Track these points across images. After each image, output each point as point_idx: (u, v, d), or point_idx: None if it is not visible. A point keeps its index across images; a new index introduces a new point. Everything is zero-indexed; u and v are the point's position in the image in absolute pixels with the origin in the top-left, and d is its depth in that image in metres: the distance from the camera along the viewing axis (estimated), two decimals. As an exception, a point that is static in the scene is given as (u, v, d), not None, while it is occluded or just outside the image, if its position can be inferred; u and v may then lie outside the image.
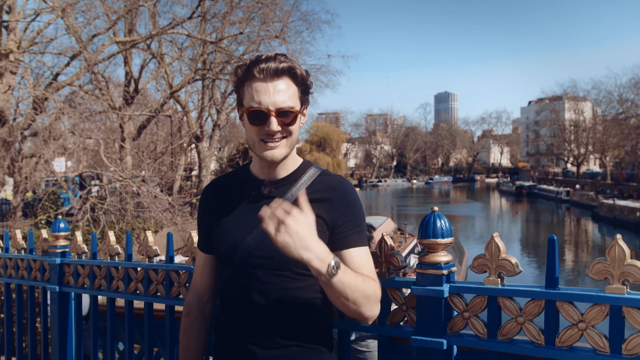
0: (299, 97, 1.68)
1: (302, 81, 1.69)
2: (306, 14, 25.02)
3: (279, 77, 1.63)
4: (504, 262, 1.64)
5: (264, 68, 1.62)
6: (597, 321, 1.51)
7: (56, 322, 3.04)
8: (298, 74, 1.67)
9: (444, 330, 1.73)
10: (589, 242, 34.12)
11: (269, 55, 1.65)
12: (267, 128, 1.63)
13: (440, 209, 1.77)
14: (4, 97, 13.56)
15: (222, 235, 1.76)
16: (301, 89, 1.69)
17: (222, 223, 1.77)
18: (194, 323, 1.91)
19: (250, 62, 1.66)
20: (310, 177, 1.76)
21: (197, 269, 1.94)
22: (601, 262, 1.51)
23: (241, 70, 1.67)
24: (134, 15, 19.75)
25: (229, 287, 1.78)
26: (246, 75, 1.65)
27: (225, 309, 1.80)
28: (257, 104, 1.62)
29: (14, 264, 3.41)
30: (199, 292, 1.93)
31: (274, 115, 1.62)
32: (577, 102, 78.06)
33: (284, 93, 1.63)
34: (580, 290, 1.55)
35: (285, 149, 1.68)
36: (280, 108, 1.62)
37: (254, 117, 1.64)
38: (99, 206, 13.85)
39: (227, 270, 1.77)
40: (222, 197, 1.82)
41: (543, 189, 67.80)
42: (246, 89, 1.66)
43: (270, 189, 1.74)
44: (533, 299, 1.61)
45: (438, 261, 1.72)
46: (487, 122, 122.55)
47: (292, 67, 1.65)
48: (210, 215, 1.83)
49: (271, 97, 1.61)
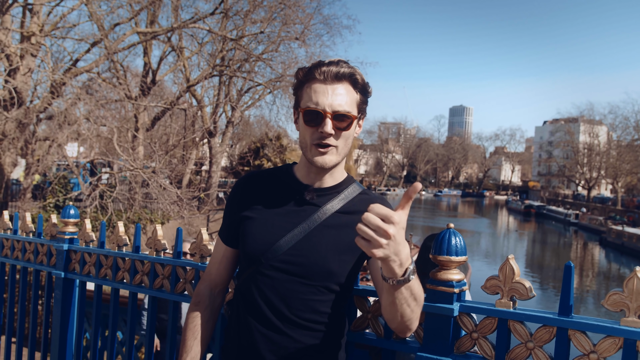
0: (357, 105, 1.66)
1: (362, 89, 1.66)
2: (328, 18, 25.11)
3: (339, 81, 1.61)
4: (517, 286, 1.61)
5: (326, 71, 1.60)
6: (609, 353, 1.48)
7: (59, 307, 3.03)
8: (359, 81, 1.64)
9: (451, 349, 1.70)
10: (594, 268, 33.81)
11: (332, 60, 1.64)
12: (321, 130, 1.59)
13: (446, 222, 1.74)
14: (23, 79, 13.66)
15: (253, 233, 1.70)
16: (360, 97, 1.67)
17: (255, 220, 1.71)
18: (204, 313, 1.85)
19: (313, 64, 1.64)
20: (352, 192, 1.73)
21: (215, 260, 1.88)
22: (618, 293, 1.47)
23: (302, 72, 1.66)
24: (157, 7, 19.84)
25: (249, 287, 1.71)
26: (307, 77, 1.64)
27: (241, 309, 1.73)
28: (314, 105, 1.60)
29: (22, 246, 3.41)
30: (212, 283, 1.88)
31: (330, 117, 1.59)
32: (593, 125, 77.56)
33: (342, 97, 1.61)
34: (594, 320, 1.52)
35: (336, 156, 1.65)
36: (337, 111, 1.59)
37: (309, 117, 1.61)
38: (108, 194, 13.90)
39: (250, 269, 1.71)
40: (259, 193, 1.76)
41: (552, 210, 67.34)
42: (305, 90, 1.64)
43: (313, 195, 1.70)
44: (544, 325, 1.58)
45: (450, 279, 1.69)
46: (500, 138, 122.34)
47: (353, 74, 1.63)
48: (242, 208, 1.75)
49: (329, 99, 1.59)
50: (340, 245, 1.65)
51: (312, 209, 1.68)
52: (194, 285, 2.37)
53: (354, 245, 1.60)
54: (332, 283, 1.64)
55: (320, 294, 1.65)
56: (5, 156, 13.84)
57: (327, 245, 1.64)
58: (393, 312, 1.48)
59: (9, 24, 13.80)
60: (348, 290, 1.75)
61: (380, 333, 1.90)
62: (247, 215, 1.73)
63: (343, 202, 1.69)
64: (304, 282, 1.64)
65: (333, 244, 1.65)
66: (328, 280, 1.63)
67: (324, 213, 1.67)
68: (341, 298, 1.73)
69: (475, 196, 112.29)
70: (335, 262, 1.64)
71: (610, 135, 74.62)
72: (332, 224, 1.66)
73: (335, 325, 1.73)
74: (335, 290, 1.66)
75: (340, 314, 1.74)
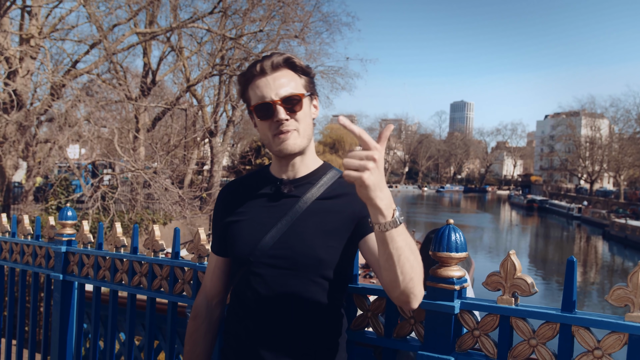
0: (303, 86, 1.67)
1: (302, 71, 1.68)
2: (327, 15, 25.03)
3: (277, 69, 1.63)
4: (519, 282, 1.58)
5: (262, 65, 1.62)
6: (614, 349, 1.45)
7: (58, 310, 3.02)
8: (297, 64, 1.66)
9: (452, 348, 1.67)
10: (598, 261, 33.78)
11: (265, 54, 1.66)
12: (276, 119, 1.60)
13: (449, 218, 1.71)
14: (23, 82, 13.66)
15: (238, 234, 1.70)
16: (304, 78, 1.68)
17: (239, 222, 1.72)
18: (201, 327, 1.86)
19: (249, 65, 1.67)
20: (331, 178, 1.72)
21: (208, 272, 1.89)
22: (622, 288, 1.44)
23: (242, 76, 1.67)
24: (156, 7, 19.82)
25: (242, 288, 1.70)
26: (247, 78, 1.66)
27: (237, 310, 1.73)
28: (261, 99, 1.61)
29: (20, 249, 3.40)
30: (208, 296, 1.89)
31: (279, 103, 1.60)
32: (595, 118, 77.42)
33: (284, 81, 1.62)
34: (598, 316, 1.49)
35: (300, 139, 1.65)
36: (284, 95, 1.61)
37: (261, 112, 1.63)
38: (110, 195, 13.90)
39: (241, 270, 1.71)
40: (240, 198, 1.77)
41: (554, 204, 67.27)
42: (249, 91, 1.66)
43: (290, 187, 1.69)
44: (547, 321, 1.54)
45: (450, 275, 1.66)
46: (502, 133, 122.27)
47: (289, 58, 1.64)
48: (226, 215, 1.78)
49: (273, 87, 1.61)
50: (326, 231, 1.63)
51: (292, 201, 1.67)
52: (193, 286, 2.35)
53: (340, 230, 1.62)
54: (324, 272, 1.62)
55: (314, 286, 1.63)
56: (7, 159, 13.84)
57: (313, 233, 1.63)
58: (392, 271, 1.41)
59: (8, 26, 13.80)
60: (342, 281, 1.72)
61: (381, 332, 1.87)
62: (231, 220, 1.75)
63: (323, 189, 1.68)
64: (296, 274, 1.62)
65: (318, 231, 1.63)
66: (319, 269, 1.61)
67: (304, 202, 1.66)
68: (336, 290, 1.69)
69: (477, 191, 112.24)
70: (323, 249, 1.61)
71: (612, 128, 74.53)
72: (314, 212, 1.65)
73: (333, 321, 1.71)
74: (328, 280, 1.63)
75: (337, 309, 1.72)
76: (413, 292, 1.46)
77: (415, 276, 1.44)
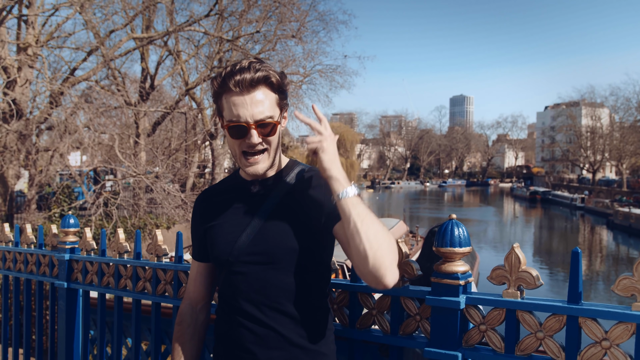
0: (277, 104, 1.69)
1: (278, 87, 1.69)
2: (323, 14, 24.94)
3: (254, 87, 1.63)
4: (524, 275, 1.57)
5: (239, 80, 1.61)
6: (621, 340, 1.44)
7: (63, 318, 3.02)
8: (274, 82, 1.66)
9: (459, 343, 1.66)
10: (603, 251, 33.71)
11: (243, 65, 1.64)
12: (248, 141, 1.64)
13: (452, 213, 1.71)
14: (21, 91, 13.67)
15: (216, 237, 1.77)
16: (278, 96, 1.69)
17: (216, 226, 1.79)
18: (186, 332, 1.91)
19: (225, 74, 1.64)
20: (298, 173, 1.79)
21: (191, 278, 1.95)
22: (628, 277, 1.43)
23: (217, 82, 1.67)
24: (152, 12, 19.81)
25: (226, 288, 1.77)
26: (222, 88, 1.65)
27: (225, 310, 1.78)
28: (236, 118, 1.62)
29: (24, 258, 3.40)
30: (192, 301, 1.94)
31: (254, 127, 1.63)
32: (595, 108, 77.15)
33: (261, 104, 1.63)
34: (605, 306, 1.48)
35: (267, 162, 1.71)
36: (260, 120, 1.63)
37: (234, 131, 1.65)
38: (112, 201, 13.90)
39: (223, 272, 1.77)
40: (214, 203, 1.85)
41: (557, 195, 67.11)
42: (224, 101, 1.66)
43: (259, 187, 1.76)
44: (554, 313, 1.54)
45: (455, 271, 1.65)
46: (502, 126, 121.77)
47: (267, 76, 1.64)
48: (203, 222, 1.86)
49: (249, 109, 1.62)
50: (296, 221, 1.69)
51: (261, 200, 1.74)
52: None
53: (311, 219, 1.68)
54: (301, 261, 1.67)
55: (294, 277, 1.68)
56: (8, 168, 13.85)
57: (285, 226, 1.69)
58: (359, 239, 1.49)
59: (5, 36, 13.81)
60: (322, 270, 1.77)
61: (387, 329, 1.86)
62: (208, 225, 1.82)
63: (289, 185, 1.75)
64: (274, 267, 1.68)
65: (290, 223, 1.69)
66: (295, 258, 1.67)
67: (274, 198, 1.73)
68: (316, 279, 1.75)
69: (479, 185, 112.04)
70: (297, 239, 1.67)
71: (612, 117, 74.28)
72: (285, 206, 1.72)
73: (317, 311, 1.74)
74: (307, 270, 1.69)
75: (321, 298, 1.76)
76: (384, 263, 1.48)
77: (384, 245, 1.49)
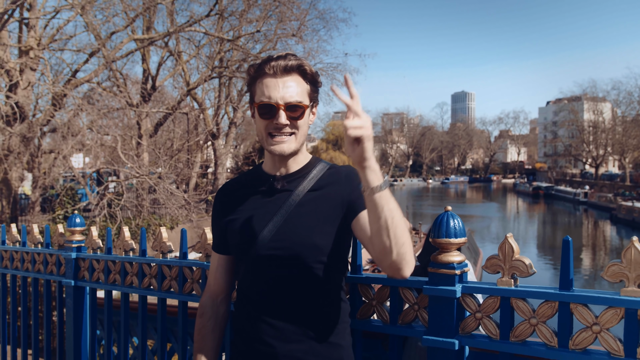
0: (308, 94, 1.74)
1: (311, 79, 1.75)
2: (323, 13, 25.04)
3: (288, 73, 1.70)
4: (518, 263, 1.63)
5: (274, 65, 1.69)
6: (611, 324, 1.49)
7: (71, 316, 3.07)
8: (307, 72, 1.73)
9: (456, 331, 1.72)
10: (606, 245, 33.68)
11: (280, 54, 1.73)
12: (276, 121, 1.68)
13: (456, 209, 1.76)
14: (24, 94, 13.74)
15: (238, 231, 1.79)
16: (310, 87, 1.75)
17: (237, 220, 1.80)
18: (207, 324, 1.93)
19: (262, 60, 1.74)
20: (320, 171, 1.80)
21: (212, 270, 1.97)
22: (617, 264, 1.48)
23: (253, 68, 1.75)
24: (152, 13, 19.87)
25: (246, 282, 1.80)
26: (258, 73, 1.73)
27: (244, 303, 1.81)
28: (267, 98, 1.68)
29: (31, 257, 3.45)
30: (212, 294, 1.96)
31: (283, 109, 1.68)
32: (597, 102, 76.98)
33: (292, 88, 1.69)
34: (595, 292, 1.53)
35: (293, 143, 1.73)
36: (289, 102, 1.68)
37: (263, 111, 1.69)
38: (116, 202, 13.98)
39: (243, 266, 1.80)
40: (236, 196, 1.86)
41: (560, 190, 67.00)
42: (257, 85, 1.73)
43: (282, 183, 1.78)
44: (546, 300, 1.59)
45: (451, 261, 1.71)
46: (504, 122, 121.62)
47: (301, 65, 1.71)
48: (224, 215, 1.86)
49: (280, 91, 1.68)
50: (319, 218, 1.71)
51: (285, 195, 1.76)
52: (202, 285, 2.40)
53: (332, 216, 1.70)
54: (322, 257, 1.70)
55: (314, 273, 1.70)
56: (12, 171, 13.93)
57: (307, 222, 1.71)
58: (386, 235, 1.48)
59: (7, 39, 13.88)
60: (341, 265, 1.80)
61: (386, 319, 1.92)
62: (230, 219, 1.83)
63: (313, 181, 1.77)
64: (295, 263, 1.70)
65: (312, 219, 1.71)
66: (317, 255, 1.69)
67: (297, 195, 1.75)
68: (336, 274, 1.77)
69: (482, 181, 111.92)
70: (319, 236, 1.69)
71: (614, 112, 74.10)
72: (307, 203, 1.74)
73: (336, 306, 1.77)
74: (327, 265, 1.71)
75: (339, 293, 1.79)
76: (405, 257, 1.51)
77: (407, 241, 1.51)
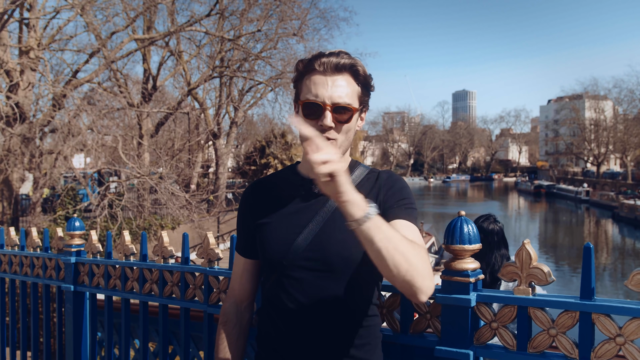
0: (359, 97, 1.59)
1: (363, 81, 1.60)
2: (324, 12, 25.07)
3: (339, 72, 1.55)
4: (536, 271, 1.55)
5: (325, 62, 1.54)
6: (636, 336, 1.42)
7: (71, 321, 3.01)
8: (360, 72, 1.58)
9: (471, 341, 1.64)
10: (609, 244, 33.62)
11: (333, 51, 1.58)
12: (321, 123, 1.53)
13: (457, 208, 1.68)
14: (24, 94, 13.70)
15: (270, 238, 1.64)
16: (362, 90, 1.60)
17: (269, 225, 1.65)
18: (232, 332, 1.80)
19: (313, 56, 1.58)
20: (359, 176, 1.68)
21: (236, 275, 1.82)
22: (642, 272, 1.41)
23: (302, 64, 1.60)
24: (153, 13, 19.83)
25: (277, 292, 1.64)
26: (306, 69, 1.58)
27: (272, 315, 1.66)
28: (314, 97, 1.53)
29: (30, 262, 3.39)
30: (237, 300, 1.82)
31: (330, 109, 1.53)
32: (598, 100, 76.90)
33: (342, 89, 1.54)
34: (618, 302, 1.45)
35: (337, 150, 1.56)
36: (337, 103, 1.53)
37: (309, 110, 1.55)
38: (117, 202, 13.93)
39: (274, 274, 1.65)
40: (268, 198, 1.71)
41: (562, 189, 66.98)
42: (304, 82, 1.58)
43: None
44: (566, 310, 1.52)
45: (465, 268, 1.63)
46: (505, 120, 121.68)
47: (354, 64, 1.57)
48: (254, 217, 1.71)
49: (329, 90, 1.53)
50: None
51: (322, 201, 1.62)
52: (204, 291, 2.33)
53: None
54: (357, 270, 1.56)
55: (349, 286, 1.57)
56: (13, 172, 13.88)
57: (344, 233, 1.52)
58: (382, 265, 1.33)
59: (7, 40, 13.83)
60: (375, 278, 1.67)
61: (397, 328, 1.85)
62: (261, 222, 1.68)
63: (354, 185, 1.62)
64: (330, 276, 1.57)
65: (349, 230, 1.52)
66: (352, 267, 1.56)
67: (333, 202, 1.58)
68: (370, 288, 1.65)
69: (484, 180, 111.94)
70: (355, 248, 1.52)
71: (616, 110, 74.02)
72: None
73: (370, 320, 1.65)
74: (363, 279, 1.58)
75: (373, 307, 1.66)
76: (414, 283, 1.34)
77: (412, 268, 1.33)
